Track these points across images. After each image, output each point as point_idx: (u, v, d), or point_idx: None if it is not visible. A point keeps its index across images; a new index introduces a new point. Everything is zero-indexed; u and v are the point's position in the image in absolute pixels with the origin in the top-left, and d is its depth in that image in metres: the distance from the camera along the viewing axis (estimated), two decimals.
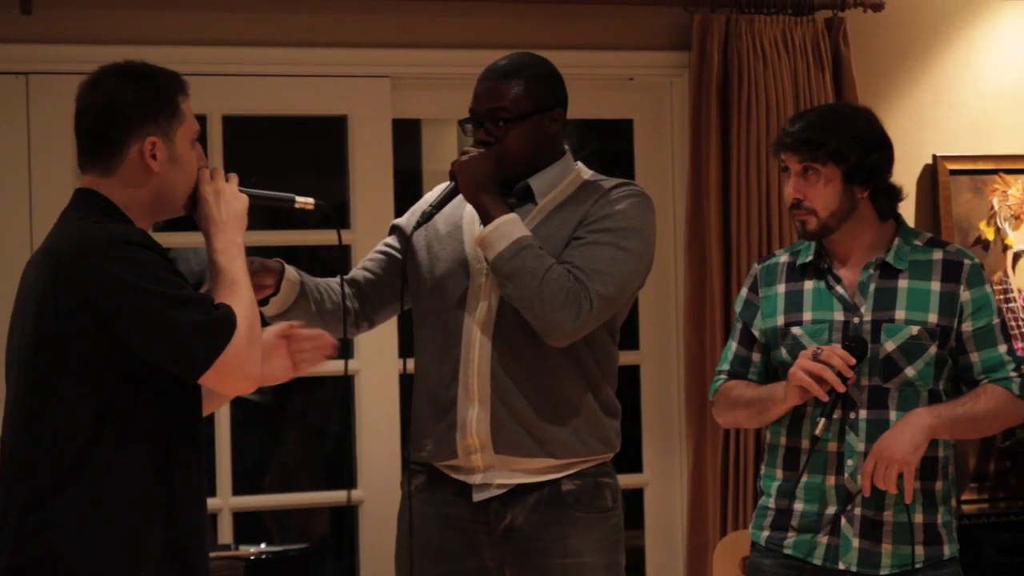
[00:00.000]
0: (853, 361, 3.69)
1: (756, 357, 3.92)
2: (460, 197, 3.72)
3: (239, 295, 3.05)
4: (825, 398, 3.68)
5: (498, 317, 3.65)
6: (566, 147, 3.79)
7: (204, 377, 2.99)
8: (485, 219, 3.61)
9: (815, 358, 3.70)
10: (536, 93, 3.68)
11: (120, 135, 3.07)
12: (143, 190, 3.09)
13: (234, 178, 3.20)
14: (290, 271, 3.70)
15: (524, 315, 3.58)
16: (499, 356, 3.64)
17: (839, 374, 3.67)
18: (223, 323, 2.99)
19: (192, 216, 3.18)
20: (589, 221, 3.65)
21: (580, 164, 3.81)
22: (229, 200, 3.16)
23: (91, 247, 2.98)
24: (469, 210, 3.74)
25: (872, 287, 3.81)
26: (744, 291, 3.98)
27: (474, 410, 3.64)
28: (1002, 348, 3.82)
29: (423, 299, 3.78)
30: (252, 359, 3.02)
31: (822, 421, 3.70)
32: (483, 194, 3.62)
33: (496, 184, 3.64)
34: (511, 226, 3.58)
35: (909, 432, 3.68)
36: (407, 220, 3.86)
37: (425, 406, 3.74)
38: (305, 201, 3.32)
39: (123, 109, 3.07)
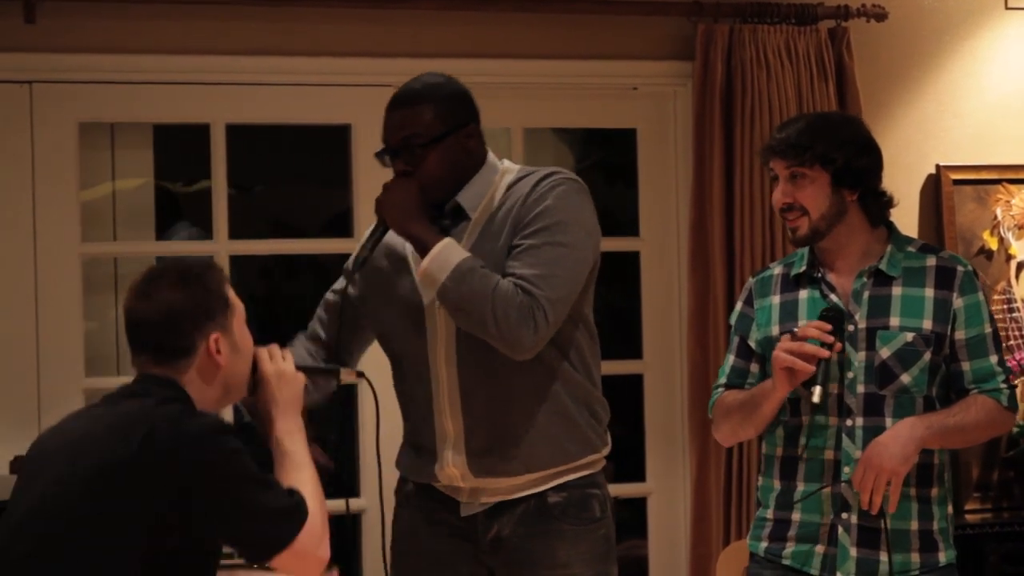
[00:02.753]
0: (829, 327, 3.70)
1: (754, 368, 3.93)
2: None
3: (306, 479, 3.15)
4: (812, 370, 3.68)
5: (458, 344, 3.61)
6: (487, 150, 3.72)
7: (278, 558, 3.08)
8: (420, 249, 3.55)
9: (792, 339, 3.71)
10: (446, 114, 3.61)
11: (187, 340, 3.12)
12: (212, 386, 3.16)
13: (289, 355, 3.29)
14: None
15: (484, 339, 3.53)
16: (467, 384, 3.61)
17: (822, 345, 3.67)
18: (299, 509, 3.08)
19: (250, 392, 3.26)
20: (522, 225, 3.58)
21: (504, 163, 3.73)
22: (290, 381, 3.26)
23: (190, 435, 3.00)
24: None
25: (866, 295, 3.81)
26: (739, 305, 3.99)
27: (449, 441, 3.65)
28: (993, 359, 3.83)
29: (388, 339, 3.77)
30: (324, 542, 3.14)
31: (817, 389, 3.70)
32: (411, 224, 3.56)
33: (422, 211, 3.58)
34: (448, 252, 3.51)
35: (900, 442, 3.69)
36: (352, 262, 3.81)
37: (408, 438, 3.77)
38: (349, 373, 3.51)
39: (184, 316, 3.12)
